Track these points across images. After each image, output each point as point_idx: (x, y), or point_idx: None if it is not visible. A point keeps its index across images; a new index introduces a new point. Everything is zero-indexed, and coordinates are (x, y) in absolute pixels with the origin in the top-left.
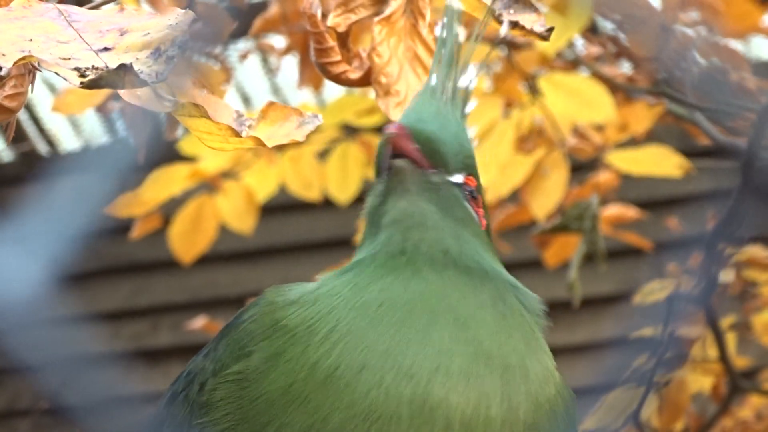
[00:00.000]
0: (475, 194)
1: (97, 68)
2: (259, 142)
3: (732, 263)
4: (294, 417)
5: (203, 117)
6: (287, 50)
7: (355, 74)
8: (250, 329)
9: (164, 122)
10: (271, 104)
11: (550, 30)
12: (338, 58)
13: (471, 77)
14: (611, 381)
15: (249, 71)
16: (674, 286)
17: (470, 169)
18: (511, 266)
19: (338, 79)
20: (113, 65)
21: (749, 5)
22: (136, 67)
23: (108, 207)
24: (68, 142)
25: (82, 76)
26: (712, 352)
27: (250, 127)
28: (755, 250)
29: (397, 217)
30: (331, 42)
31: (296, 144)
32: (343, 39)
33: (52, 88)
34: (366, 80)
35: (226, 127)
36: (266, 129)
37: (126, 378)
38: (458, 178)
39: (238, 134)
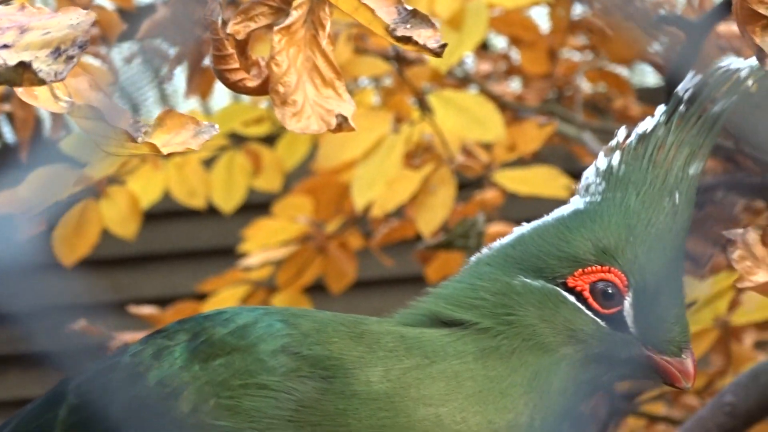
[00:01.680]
0: None
1: None
2: (155, 149)
3: None
4: None
5: (100, 120)
6: (176, 57)
7: (252, 82)
8: (272, 365)
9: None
10: (167, 111)
11: (444, 46)
12: (237, 65)
13: None
14: None
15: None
16: None
17: None
18: (393, 281)
19: (236, 87)
20: (12, 62)
21: (638, 31)
22: (35, 66)
23: None
24: None
25: None
26: None
27: (145, 133)
28: None
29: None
30: (230, 49)
31: (182, 151)
32: (242, 47)
33: None
34: (263, 89)
35: (122, 131)
36: (162, 136)
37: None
38: None
39: (134, 140)
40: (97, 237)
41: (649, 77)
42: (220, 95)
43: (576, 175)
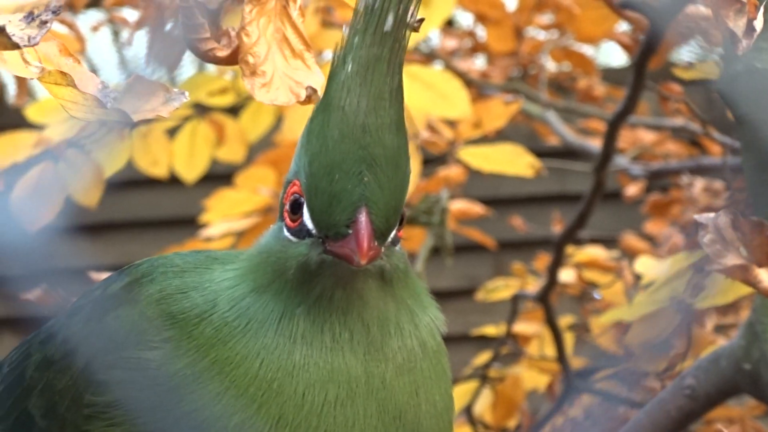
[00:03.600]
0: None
1: None
2: (125, 116)
3: (573, 264)
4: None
5: (70, 86)
6: (140, 24)
7: (223, 52)
8: (148, 314)
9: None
10: (137, 78)
11: (421, 21)
12: (207, 35)
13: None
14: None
15: (98, 43)
16: (519, 286)
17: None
18: None
19: (206, 57)
20: None
21: (605, 11)
22: (8, 30)
23: None
24: None
25: None
26: (549, 350)
27: (115, 99)
28: (596, 252)
29: (341, 300)
30: (201, 19)
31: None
32: (214, 16)
33: None
34: (233, 59)
35: (92, 97)
36: (132, 102)
37: None
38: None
39: (103, 106)
40: (59, 204)
41: (614, 58)
42: (185, 65)
43: (538, 153)
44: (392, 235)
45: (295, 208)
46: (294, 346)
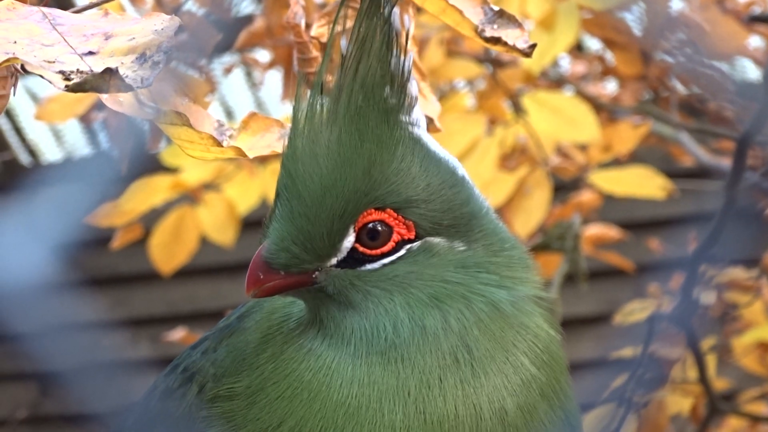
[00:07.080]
0: (378, 228)
1: (82, 72)
2: (240, 153)
3: (713, 285)
4: None
5: (185, 125)
6: (271, 64)
7: None
8: (251, 340)
9: (147, 133)
10: (252, 115)
11: (533, 47)
12: None
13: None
14: (591, 401)
15: (233, 85)
16: (655, 307)
17: (376, 202)
18: None
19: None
20: (98, 69)
21: (736, 26)
22: (121, 72)
23: (89, 217)
24: (50, 152)
25: (67, 79)
26: (692, 373)
27: (231, 137)
28: (736, 272)
29: (315, 324)
30: (315, 52)
31: (279, 157)
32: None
33: (34, 98)
34: None
35: (207, 136)
36: (247, 139)
37: (106, 389)
38: (346, 244)
39: (219, 144)
40: (195, 244)
41: (749, 74)
42: None
43: (674, 175)
44: (335, 257)
45: None
46: (327, 352)
